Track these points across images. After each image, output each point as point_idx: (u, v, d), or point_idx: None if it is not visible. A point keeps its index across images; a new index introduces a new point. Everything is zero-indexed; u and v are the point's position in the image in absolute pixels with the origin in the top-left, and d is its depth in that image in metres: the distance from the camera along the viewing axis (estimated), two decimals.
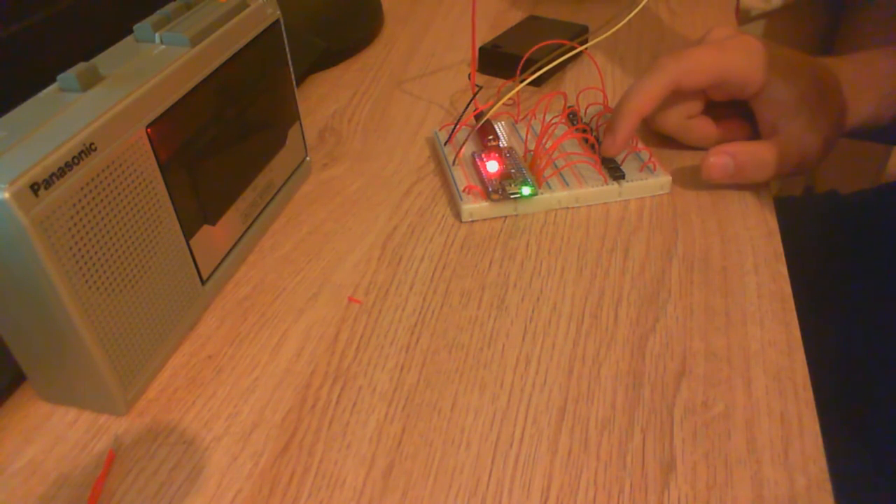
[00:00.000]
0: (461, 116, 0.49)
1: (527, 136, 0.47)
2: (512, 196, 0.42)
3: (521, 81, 0.47)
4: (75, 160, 0.26)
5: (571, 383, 0.32)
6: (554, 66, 0.58)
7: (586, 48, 0.60)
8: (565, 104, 0.50)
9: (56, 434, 0.31)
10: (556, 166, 0.44)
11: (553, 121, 0.48)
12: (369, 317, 0.36)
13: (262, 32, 0.38)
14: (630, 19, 0.65)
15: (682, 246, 0.40)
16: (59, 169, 0.26)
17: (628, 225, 0.42)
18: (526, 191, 0.42)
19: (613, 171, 0.43)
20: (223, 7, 0.36)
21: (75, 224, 0.27)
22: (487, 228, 0.42)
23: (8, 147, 0.26)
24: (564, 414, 0.31)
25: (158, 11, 0.34)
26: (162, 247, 0.32)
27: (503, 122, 0.49)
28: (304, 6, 0.63)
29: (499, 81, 0.57)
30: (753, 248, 0.39)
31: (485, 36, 0.65)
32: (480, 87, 0.56)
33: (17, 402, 0.33)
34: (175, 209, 0.33)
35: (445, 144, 0.48)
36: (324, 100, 0.56)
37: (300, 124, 0.44)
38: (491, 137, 0.46)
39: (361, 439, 0.30)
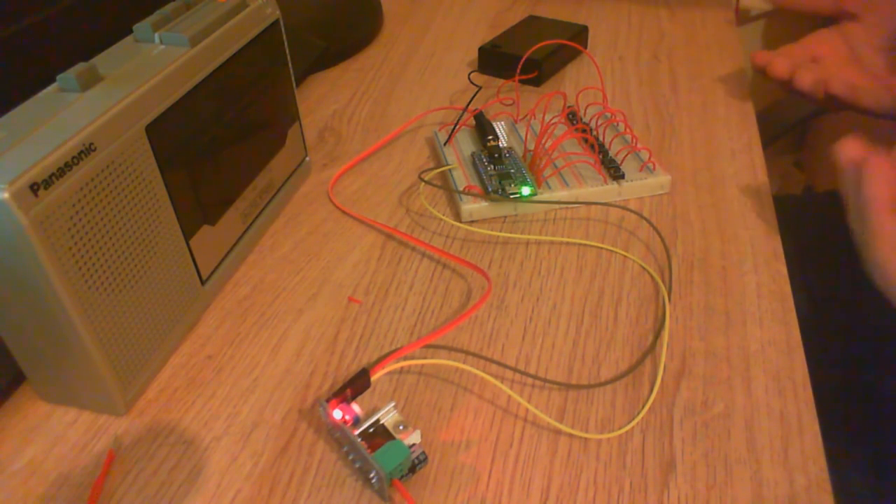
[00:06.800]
0: (461, 116, 0.49)
1: (526, 136, 0.47)
2: (512, 196, 0.42)
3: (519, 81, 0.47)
4: (75, 160, 0.26)
5: (571, 383, 0.32)
6: (554, 66, 0.58)
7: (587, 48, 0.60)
8: (565, 104, 0.50)
9: (56, 434, 0.31)
10: (555, 166, 0.44)
11: (553, 121, 0.48)
12: (369, 317, 0.36)
13: (262, 32, 0.38)
14: (630, 18, 0.65)
15: (682, 246, 0.40)
16: (59, 169, 0.26)
17: (628, 225, 0.42)
18: (526, 191, 0.42)
19: (613, 170, 0.43)
20: (223, 7, 0.36)
21: (75, 224, 0.27)
22: (487, 228, 0.42)
23: (8, 147, 0.26)
24: (564, 414, 0.31)
25: (158, 11, 0.34)
26: (162, 247, 0.32)
27: (503, 122, 0.49)
28: (304, 6, 0.63)
29: (499, 81, 0.57)
30: (753, 248, 0.39)
31: (485, 36, 0.65)
32: (480, 88, 0.56)
33: (17, 402, 0.33)
34: (175, 209, 0.33)
35: (445, 145, 0.48)
36: (324, 100, 0.56)
37: (300, 124, 0.44)
38: (490, 137, 0.46)
39: None
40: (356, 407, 0.29)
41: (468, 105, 0.51)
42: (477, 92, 0.55)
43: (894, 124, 0.43)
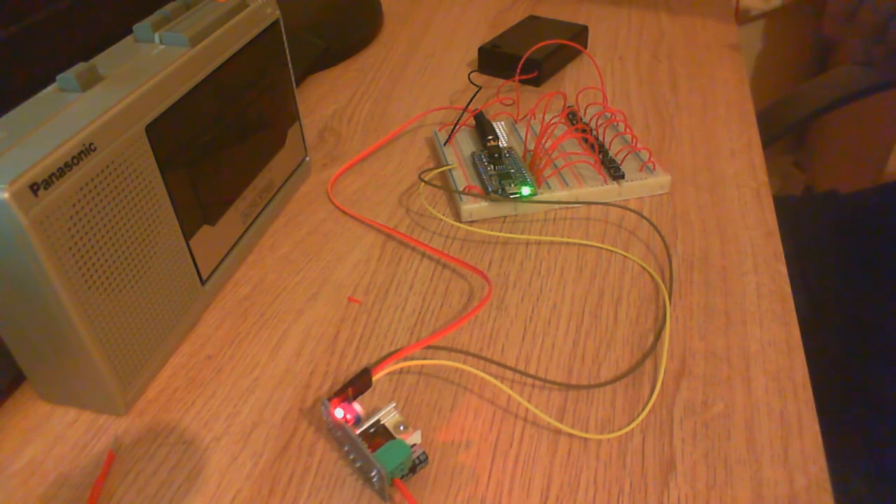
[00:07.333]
0: (461, 116, 0.49)
1: (526, 136, 0.47)
2: (512, 196, 0.42)
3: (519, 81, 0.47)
4: (75, 160, 0.26)
5: (571, 384, 0.32)
6: (554, 66, 0.58)
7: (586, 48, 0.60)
8: (565, 104, 0.50)
9: (56, 434, 0.31)
10: (555, 166, 0.44)
11: (553, 121, 0.48)
12: (369, 317, 0.36)
13: (262, 32, 0.38)
14: (630, 19, 0.65)
15: (682, 246, 0.40)
16: (59, 169, 0.26)
17: (628, 225, 0.42)
18: (525, 191, 0.42)
19: (613, 170, 0.43)
20: (223, 7, 0.36)
21: (75, 224, 0.27)
22: (487, 228, 0.42)
23: (8, 147, 0.26)
24: (564, 414, 0.31)
25: (158, 11, 0.34)
26: (162, 247, 0.32)
27: (503, 122, 0.49)
28: (304, 6, 0.63)
29: (499, 81, 0.57)
30: (753, 248, 0.39)
31: (485, 36, 0.65)
32: (480, 87, 0.56)
33: (17, 402, 0.33)
34: (175, 209, 0.33)
35: (445, 145, 0.48)
36: (324, 100, 0.56)
37: (300, 124, 0.44)
38: (490, 137, 0.46)
39: None
40: (357, 406, 0.29)
41: (468, 105, 0.51)
42: (477, 92, 0.55)
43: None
